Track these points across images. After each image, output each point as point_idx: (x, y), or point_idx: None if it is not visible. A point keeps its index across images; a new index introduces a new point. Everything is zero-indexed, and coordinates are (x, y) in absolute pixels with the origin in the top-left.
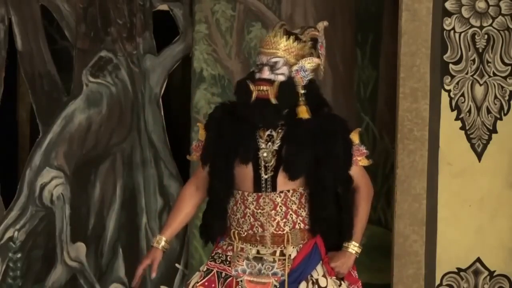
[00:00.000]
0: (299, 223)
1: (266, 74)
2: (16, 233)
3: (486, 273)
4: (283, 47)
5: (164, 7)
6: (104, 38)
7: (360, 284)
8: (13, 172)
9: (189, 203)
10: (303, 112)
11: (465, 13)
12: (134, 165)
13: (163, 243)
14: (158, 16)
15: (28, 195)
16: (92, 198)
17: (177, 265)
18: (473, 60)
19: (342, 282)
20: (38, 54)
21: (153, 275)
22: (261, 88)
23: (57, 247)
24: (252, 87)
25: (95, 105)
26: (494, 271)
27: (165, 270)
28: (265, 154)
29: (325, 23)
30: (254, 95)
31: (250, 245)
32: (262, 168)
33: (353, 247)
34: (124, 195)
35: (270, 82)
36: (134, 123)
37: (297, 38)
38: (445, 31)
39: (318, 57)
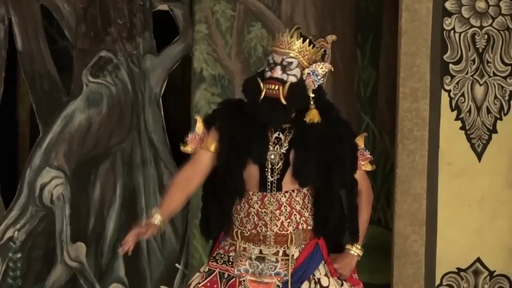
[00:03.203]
0: (302, 223)
1: (279, 73)
2: (16, 233)
3: (486, 273)
4: (298, 49)
5: (164, 7)
6: (104, 38)
7: (362, 286)
8: (13, 172)
9: (189, 185)
10: (314, 115)
11: (465, 13)
12: (134, 165)
13: (159, 221)
14: (158, 16)
15: (28, 195)
16: (92, 198)
17: (177, 265)
18: (473, 60)
19: (344, 282)
20: (38, 54)
21: (131, 244)
22: (272, 87)
23: (57, 247)
24: (261, 85)
25: (95, 105)
26: (494, 271)
27: (165, 270)
28: (272, 157)
29: (334, 37)
30: (263, 93)
31: (252, 245)
32: (269, 170)
33: (356, 250)
34: (124, 195)
35: (281, 81)
36: (134, 123)
37: (311, 43)
38: (445, 31)
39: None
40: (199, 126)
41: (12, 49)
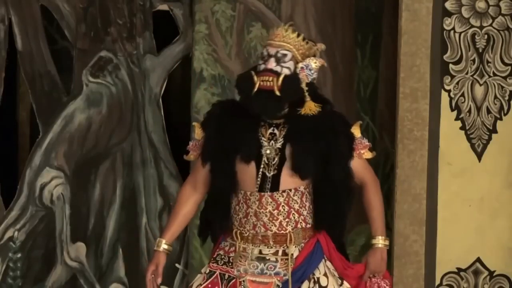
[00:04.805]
0: (300, 222)
1: (273, 65)
2: (16, 233)
3: (486, 273)
4: (293, 42)
5: (164, 7)
6: (104, 38)
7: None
8: (13, 172)
9: (188, 203)
10: (312, 107)
11: (465, 13)
12: (134, 165)
13: (164, 245)
14: (158, 16)
15: (28, 195)
16: (92, 198)
17: (177, 265)
18: (473, 60)
19: (344, 282)
20: (38, 54)
21: (159, 280)
22: (266, 79)
23: (57, 247)
24: (255, 78)
25: (95, 105)
26: (494, 271)
27: (165, 270)
28: (268, 152)
29: (323, 46)
30: (256, 86)
31: (252, 245)
32: (265, 166)
33: (382, 242)
34: (124, 195)
35: (275, 73)
36: (134, 123)
37: (304, 38)
38: (445, 31)
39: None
40: (198, 132)
41: (12, 49)
